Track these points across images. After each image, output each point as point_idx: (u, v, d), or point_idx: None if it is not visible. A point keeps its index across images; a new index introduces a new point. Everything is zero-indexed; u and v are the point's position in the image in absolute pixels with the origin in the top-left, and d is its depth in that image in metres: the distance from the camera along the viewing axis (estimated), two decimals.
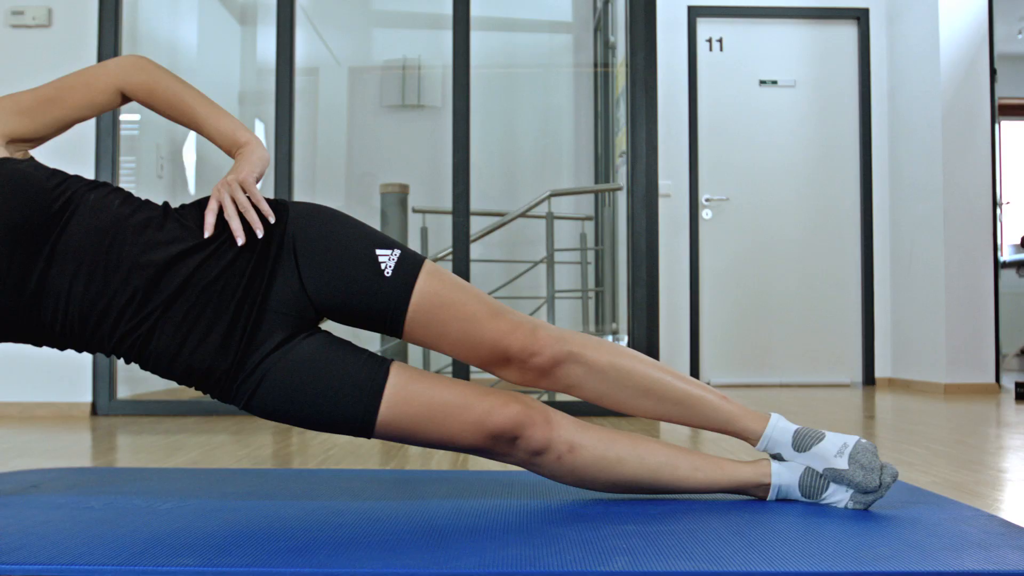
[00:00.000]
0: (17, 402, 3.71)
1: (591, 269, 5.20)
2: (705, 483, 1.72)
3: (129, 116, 4.12)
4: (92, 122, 3.77)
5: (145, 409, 3.76)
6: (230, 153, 1.68)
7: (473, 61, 5.62)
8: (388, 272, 1.61)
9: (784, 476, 1.71)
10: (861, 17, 5.55)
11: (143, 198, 1.67)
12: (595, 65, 5.47)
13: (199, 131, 1.69)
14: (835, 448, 1.67)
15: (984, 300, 4.95)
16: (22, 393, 3.69)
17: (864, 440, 1.69)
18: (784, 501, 1.70)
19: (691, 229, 5.50)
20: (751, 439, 1.72)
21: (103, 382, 3.69)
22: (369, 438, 1.65)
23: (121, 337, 1.59)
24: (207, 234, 1.58)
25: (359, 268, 1.61)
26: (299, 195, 4.00)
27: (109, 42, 3.71)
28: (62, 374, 3.69)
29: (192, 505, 1.67)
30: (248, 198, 1.61)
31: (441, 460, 2.40)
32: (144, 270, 1.56)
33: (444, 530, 1.47)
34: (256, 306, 1.59)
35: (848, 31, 5.61)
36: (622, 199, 4.64)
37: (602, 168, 5.38)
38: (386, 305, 1.62)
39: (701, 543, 1.38)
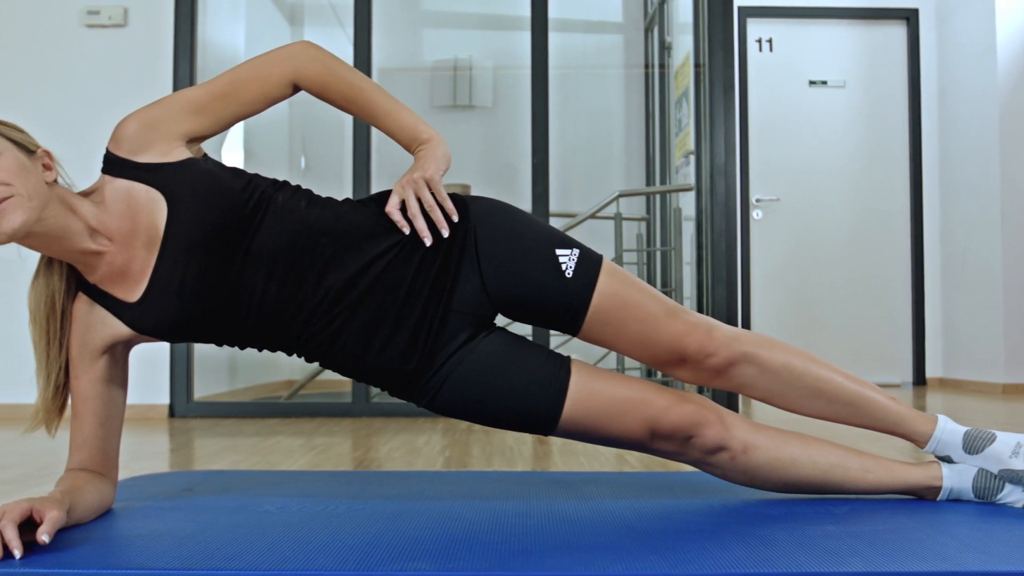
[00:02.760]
0: None
1: (644, 270, 5.19)
2: (875, 485, 1.71)
3: None
4: None
5: (222, 411, 3.75)
6: (409, 149, 1.67)
7: (523, 62, 5.62)
8: (569, 272, 1.61)
9: (955, 479, 1.70)
10: (910, 17, 5.56)
11: (324, 195, 1.66)
12: (646, 66, 5.47)
13: (376, 125, 1.66)
14: (1009, 449, 1.66)
15: None
16: None
17: None
18: (955, 501, 1.70)
19: (742, 229, 5.50)
20: (919, 441, 1.71)
21: (180, 384, 3.67)
22: (547, 435, 1.65)
23: (309, 336, 1.58)
24: (405, 232, 1.57)
25: (540, 268, 1.61)
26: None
27: (185, 41, 3.70)
28: (140, 376, 3.66)
29: (369, 508, 1.66)
30: (433, 196, 1.60)
31: (554, 461, 2.39)
32: (335, 273, 1.56)
33: (648, 531, 1.46)
34: (441, 306, 1.59)
35: (897, 31, 5.61)
36: (680, 199, 4.62)
37: (654, 169, 5.37)
38: (567, 305, 1.61)
39: (919, 543, 1.37)
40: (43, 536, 1.30)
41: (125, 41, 3.73)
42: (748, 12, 5.49)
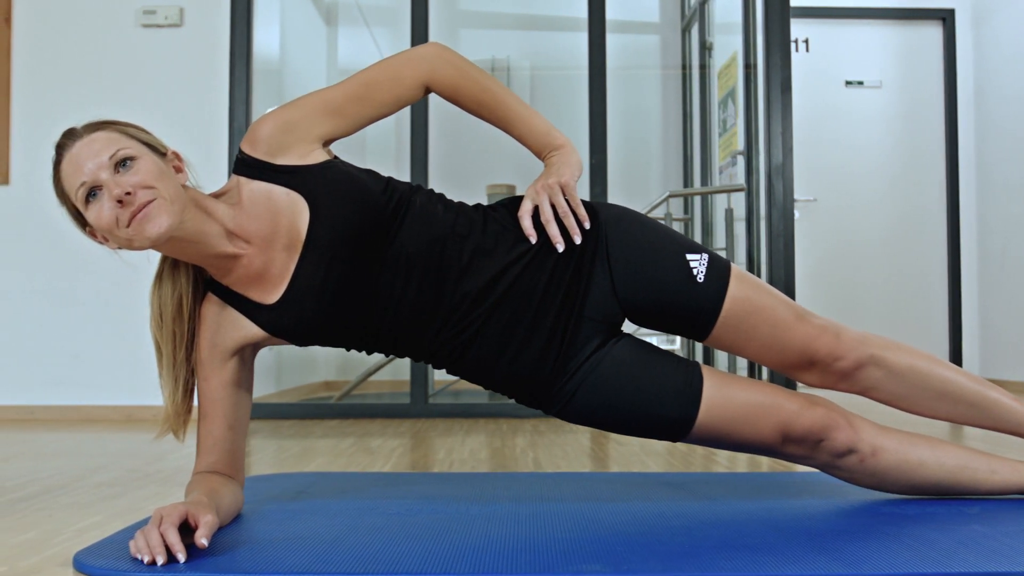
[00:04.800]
0: (149, 405, 3.68)
1: None
2: (1001, 485, 1.71)
3: None
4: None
5: (279, 412, 3.74)
6: (540, 155, 1.66)
7: (561, 63, 5.61)
8: (701, 277, 1.60)
9: None
10: (946, 18, 5.57)
11: (456, 200, 1.66)
12: (684, 66, 5.47)
13: (508, 130, 1.65)
14: None
15: None
16: (155, 397, 3.66)
17: None
18: None
19: None
20: None
21: None
22: (677, 441, 1.64)
23: (443, 343, 1.58)
24: (533, 241, 1.57)
25: (672, 273, 1.60)
26: None
27: (242, 41, 3.69)
28: None
29: (500, 510, 1.66)
30: (566, 202, 1.60)
31: (642, 461, 2.39)
32: (472, 278, 1.55)
33: (799, 532, 1.45)
34: (574, 313, 1.58)
35: (933, 32, 5.62)
36: (727, 200, 4.62)
37: (692, 169, 5.37)
38: (698, 310, 1.61)
39: None
40: (203, 540, 1.29)
41: (181, 41, 3.72)
42: None
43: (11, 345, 3.74)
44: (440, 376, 4.45)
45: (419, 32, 3.70)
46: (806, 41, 5.56)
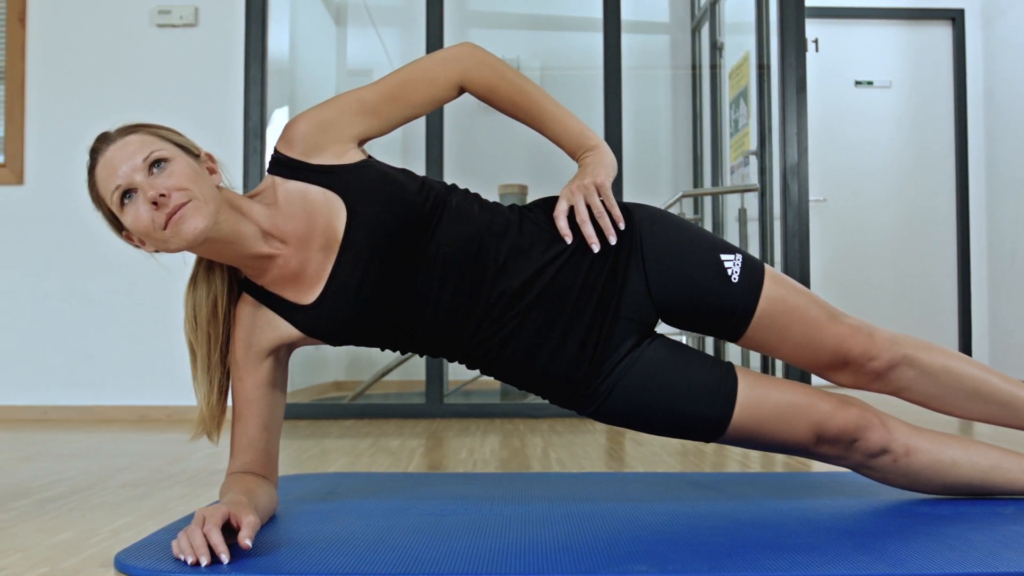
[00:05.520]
0: (164, 406, 3.68)
1: None
2: None
3: None
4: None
5: (294, 412, 3.74)
6: (574, 155, 1.66)
7: (570, 63, 5.62)
8: (735, 277, 1.61)
9: None
10: (956, 18, 5.57)
11: (491, 200, 1.66)
12: (694, 66, 5.47)
13: (541, 130, 1.66)
14: None
15: None
16: (168, 397, 3.66)
17: None
18: None
19: None
20: None
21: None
22: (710, 441, 1.64)
23: (478, 343, 1.58)
24: (568, 241, 1.57)
25: (706, 273, 1.60)
26: None
27: (257, 41, 3.69)
28: None
29: (535, 511, 1.66)
30: (602, 202, 1.60)
31: (665, 461, 2.39)
32: (508, 278, 1.55)
33: (838, 531, 1.45)
34: (610, 313, 1.58)
35: (943, 31, 5.62)
36: (738, 200, 4.62)
37: (702, 170, 5.37)
38: (733, 310, 1.61)
39: None
40: (246, 540, 1.29)
41: (196, 41, 3.71)
42: None
43: (25, 345, 3.74)
44: (454, 376, 4.45)
45: (434, 32, 3.70)
46: (815, 41, 5.55)
